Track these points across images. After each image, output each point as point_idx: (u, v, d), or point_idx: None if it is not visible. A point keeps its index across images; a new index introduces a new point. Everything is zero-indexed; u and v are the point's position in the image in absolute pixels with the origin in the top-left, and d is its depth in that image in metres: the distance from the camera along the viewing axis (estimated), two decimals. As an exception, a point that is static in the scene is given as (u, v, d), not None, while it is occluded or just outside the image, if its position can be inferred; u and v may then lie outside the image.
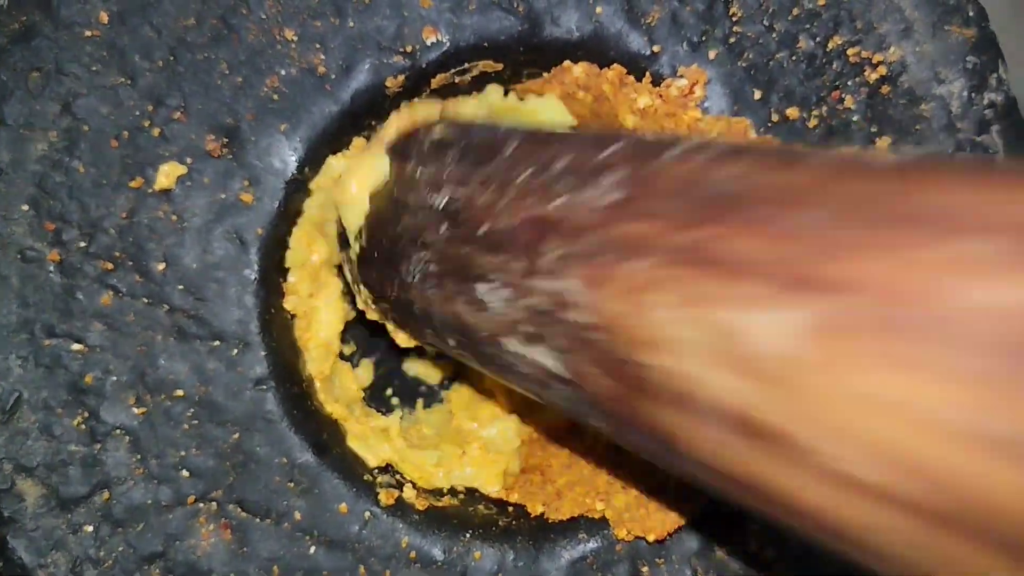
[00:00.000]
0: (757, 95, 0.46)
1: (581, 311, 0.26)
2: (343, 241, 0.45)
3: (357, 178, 0.42)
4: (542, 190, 0.29)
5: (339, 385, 0.50)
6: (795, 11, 0.45)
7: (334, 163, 0.46)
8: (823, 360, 0.19)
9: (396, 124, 0.43)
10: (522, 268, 0.28)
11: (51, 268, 0.43)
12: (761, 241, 0.22)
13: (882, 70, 0.45)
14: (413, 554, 0.44)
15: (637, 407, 0.25)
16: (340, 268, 0.49)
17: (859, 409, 0.19)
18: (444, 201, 0.34)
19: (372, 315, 0.47)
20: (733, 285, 0.21)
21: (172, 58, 0.43)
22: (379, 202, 0.41)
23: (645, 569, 0.45)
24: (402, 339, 0.46)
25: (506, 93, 0.48)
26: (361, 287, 0.43)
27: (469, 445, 0.49)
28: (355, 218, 0.43)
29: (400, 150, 0.41)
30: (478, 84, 0.48)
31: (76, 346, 0.43)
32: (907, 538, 0.19)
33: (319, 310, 0.48)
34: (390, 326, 0.46)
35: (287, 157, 0.44)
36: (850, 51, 0.45)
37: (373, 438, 0.48)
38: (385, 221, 0.40)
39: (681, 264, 0.23)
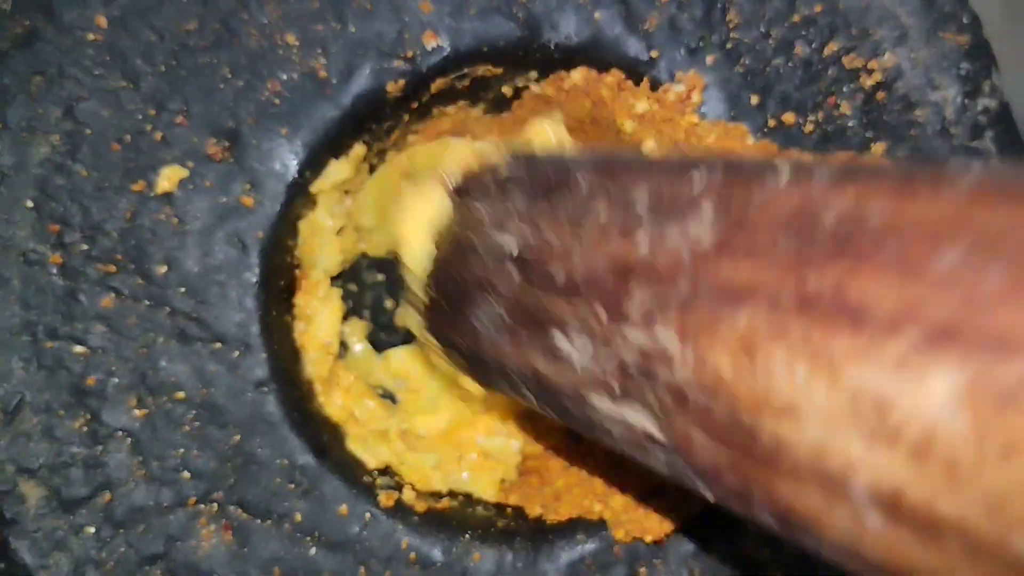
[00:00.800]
0: (754, 100, 0.46)
1: (678, 367, 0.22)
2: (410, 291, 0.41)
3: (412, 221, 0.38)
4: (622, 230, 0.26)
5: (339, 384, 0.50)
6: (792, 18, 0.46)
7: (335, 167, 0.46)
8: (984, 434, 0.16)
9: (458, 160, 0.39)
10: (606, 317, 0.25)
11: (53, 271, 0.43)
12: (900, 285, 0.18)
13: (877, 76, 0.46)
14: (413, 555, 0.45)
15: (756, 479, 0.21)
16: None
17: None
18: (513, 245, 0.31)
19: (441, 364, 0.43)
20: (867, 337, 0.18)
21: (174, 62, 0.44)
22: (444, 247, 0.37)
23: (643, 570, 0.45)
24: (472, 386, 0.42)
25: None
26: (430, 337, 0.40)
27: (467, 450, 0.50)
28: (418, 263, 0.39)
29: (465, 190, 0.38)
30: (476, 90, 0.48)
31: (78, 348, 0.43)
32: None
33: (317, 313, 0.49)
34: (461, 375, 0.42)
35: (288, 161, 0.45)
36: (846, 57, 0.46)
37: (372, 440, 0.48)
38: (451, 267, 0.36)
39: (799, 312, 0.20)
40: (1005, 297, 0.16)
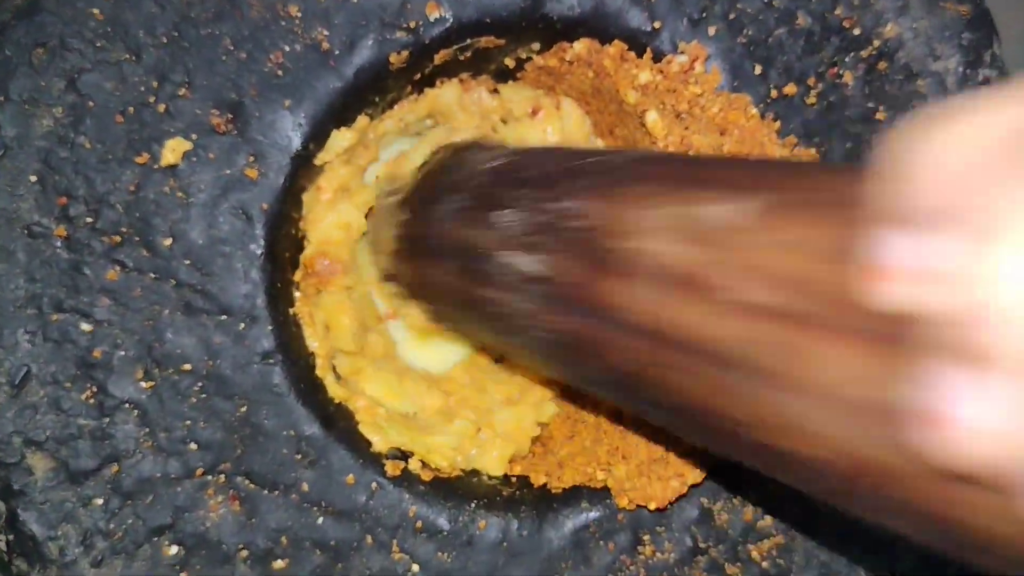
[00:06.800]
0: (757, 71, 0.46)
1: (581, 219, 0.34)
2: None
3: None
4: (577, 156, 0.39)
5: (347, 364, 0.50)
6: (794, -13, 0.46)
7: (338, 137, 0.46)
8: (757, 225, 0.27)
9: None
10: (543, 196, 0.37)
11: (58, 243, 0.43)
12: (733, 170, 0.32)
13: (879, 46, 0.46)
14: (419, 524, 0.45)
15: (592, 285, 0.32)
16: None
17: (768, 253, 0.26)
18: (493, 164, 0.43)
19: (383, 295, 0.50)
20: (708, 191, 0.30)
21: (176, 34, 0.44)
22: (430, 169, 0.49)
23: (646, 537, 0.46)
24: (415, 320, 0.49)
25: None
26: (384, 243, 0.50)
27: (486, 423, 0.50)
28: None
29: (460, 146, 0.50)
30: (479, 61, 0.48)
31: (84, 321, 0.43)
32: (779, 342, 0.25)
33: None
34: (400, 302, 0.50)
35: (291, 132, 0.45)
36: (848, 28, 0.46)
37: (388, 425, 0.48)
38: (433, 177, 0.48)
39: (674, 183, 0.32)
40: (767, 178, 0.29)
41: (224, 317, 0.44)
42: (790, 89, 0.46)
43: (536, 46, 0.48)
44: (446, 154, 0.48)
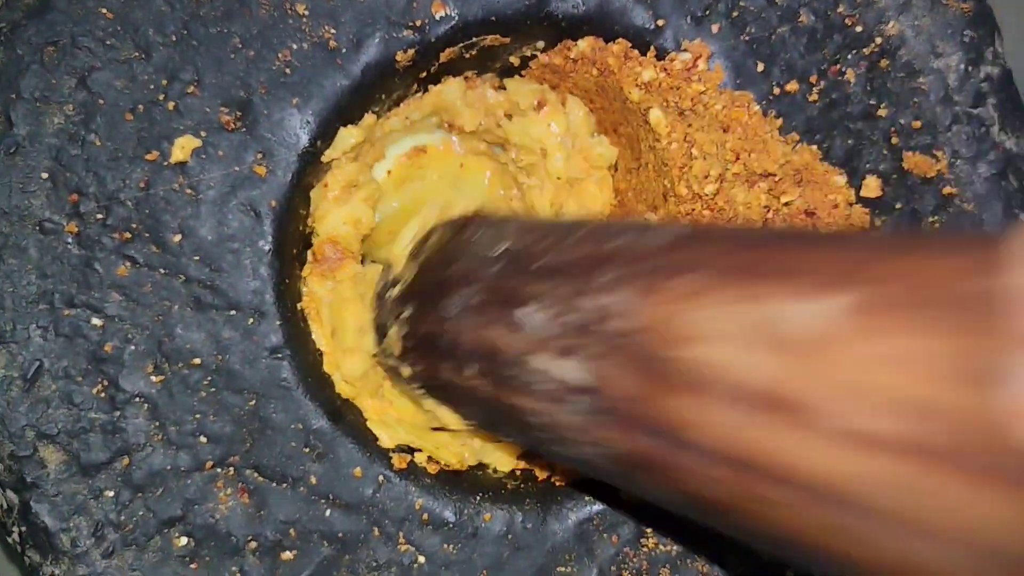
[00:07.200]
0: (759, 68, 0.46)
1: (623, 319, 0.28)
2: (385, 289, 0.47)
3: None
4: (600, 239, 0.33)
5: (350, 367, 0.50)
6: (797, -14, 0.46)
7: (345, 135, 0.46)
8: (856, 332, 0.22)
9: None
10: (571, 291, 0.31)
11: (69, 240, 0.44)
12: (809, 253, 0.25)
13: (881, 44, 0.46)
14: (426, 516, 0.46)
15: (654, 400, 0.27)
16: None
17: (878, 368, 0.21)
18: (502, 250, 0.37)
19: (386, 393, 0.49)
20: (781, 284, 0.24)
21: (185, 32, 0.44)
22: (429, 256, 0.44)
23: (648, 529, 0.47)
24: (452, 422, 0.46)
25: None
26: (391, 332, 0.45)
27: None
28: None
29: (458, 225, 0.45)
30: (484, 59, 0.49)
31: (95, 316, 0.44)
32: (902, 480, 0.20)
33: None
34: (410, 395, 0.47)
35: (299, 130, 0.45)
36: (850, 25, 0.46)
37: (396, 424, 0.48)
38: (436, 268, 0.43)
39: (734, 274, 0.26)
40: (877, 259, 0.23)
41: (233, 312, 0.45)
42: (792, 86, 0.47)
43: (541, 44, 0.48)
44: (444, 235, 0.44)
